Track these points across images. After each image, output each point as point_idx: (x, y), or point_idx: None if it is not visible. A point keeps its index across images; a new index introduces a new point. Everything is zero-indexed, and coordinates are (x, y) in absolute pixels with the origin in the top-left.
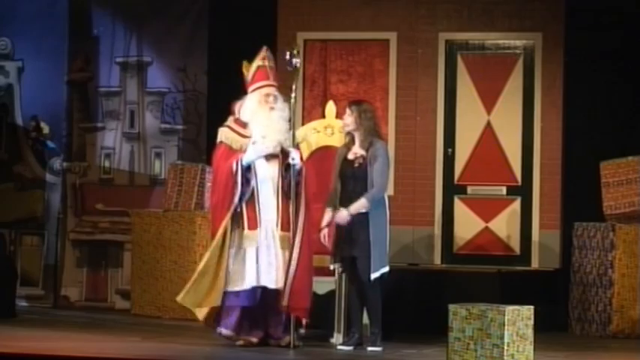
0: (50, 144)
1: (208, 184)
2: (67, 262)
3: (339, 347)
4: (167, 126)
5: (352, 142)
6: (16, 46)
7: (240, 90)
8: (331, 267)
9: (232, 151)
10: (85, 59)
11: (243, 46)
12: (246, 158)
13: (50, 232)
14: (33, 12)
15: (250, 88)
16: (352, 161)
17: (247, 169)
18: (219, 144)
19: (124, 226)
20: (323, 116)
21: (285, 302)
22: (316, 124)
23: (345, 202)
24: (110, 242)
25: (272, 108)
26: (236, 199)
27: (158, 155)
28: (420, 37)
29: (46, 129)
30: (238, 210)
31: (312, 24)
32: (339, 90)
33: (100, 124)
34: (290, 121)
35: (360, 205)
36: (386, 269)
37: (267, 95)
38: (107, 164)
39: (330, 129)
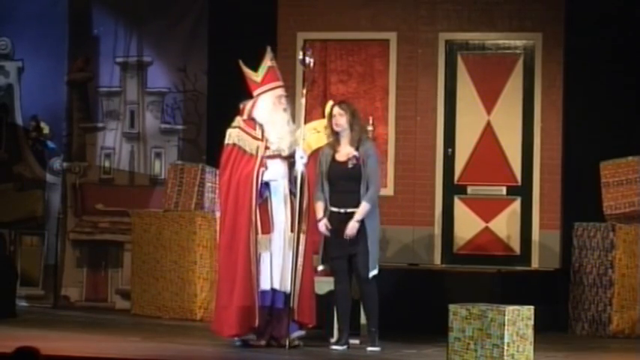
0: (50, 144)
1: (208, 184)
2: (67, 262)
3: (334, 347)
4: (167, 126)
5: (337, 142)
6: (16, 46)
7: (240, 90)
8: (319, 268)
9: (246, 155)
10: (85, 59)
11: (243, 46)
12: (268, 176)
13: (50, 232)
14: (33, 12)
15: (261, 89)
16: (344, 162)
17: (266, 183)
18: (231, 146)
19: (124, 226)
20: (323, 116)
21: (294, 306)
22: (316, 124)
23: (338, 202)
24: (110, 242)
25: (285, 109)
26: (253, 205)
27: (158, 155)
28: (420, 37)
29: (46, 129)
30: (254, 214)
31: (312, 24)
32: (339, 90)
33: (100, 124)
34: (299, 120)
35: (364, 210)
36: (377, 267)
37: (280, 97)
38: (107, 164)
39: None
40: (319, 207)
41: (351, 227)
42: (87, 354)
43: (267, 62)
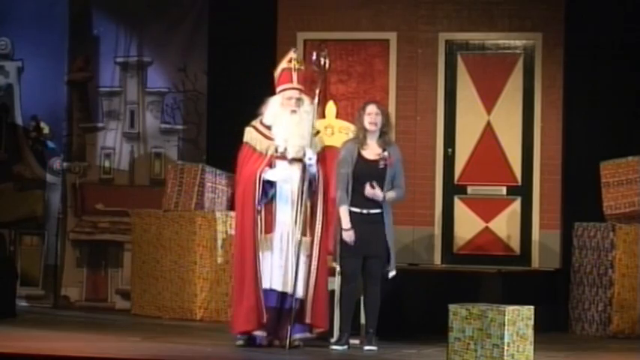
0: (50, 144)
1: (208, 184)
2: (67, 262)
3: (334, 347)
4: (167, 126)
5: (364, 140)
6: (16, 46)
7: (240, 90)
8: (338, 267)
9: (256, 153)
10: (85, 59)
11: (243, 46)
12: (269, 175)
13: (50, 232)
14: (33, 12)
15: (277, 90)
16: (374, 161)
17: (269, 182)
18: (244, 144)
19: (124, 226)
20: (323, 116)
21: (308, 313)
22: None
23: (360, 203)
24: (110, 242)
25: (293, 111)
26: (256, 204)
27: (158, 155)
28: (420, 37)
29: (46, 129)
30: (258, 213)
31: (312, 24)
32: (339, 90)
33: (100, 124)
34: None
35: (392, 196)
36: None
37: (290, 98)
38: (107, 164)
39: (330, 129)
40: (345, 212)
41: (376, 193)
42: (87, 354)
43: (284, 64)
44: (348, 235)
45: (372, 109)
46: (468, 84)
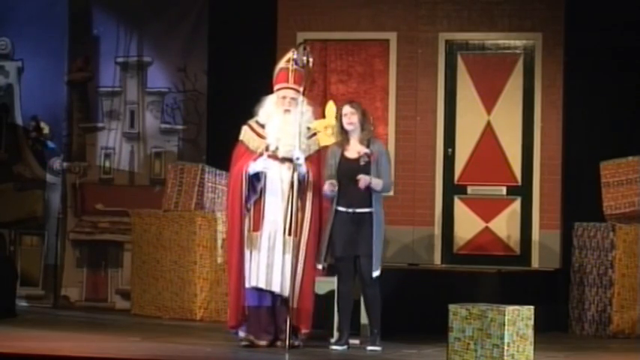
0: (50, 144)
1: (208, 184)
2: (67, 262)
3: (334, 347)
4: (167, 126)
5: (347, 140)
6: (16, 46)
7: (240, 90)
8: (320, 266)
9: (248, 151)
10: (85, 59)
11: (243, 46)
12: (253, 168)
13: (50, 232)
14: (33, 12)
15: (274, 89)
16: (356, 159)
17: (255, 176)
18: (239, 142)
19: (124, 226)
20: (323, 116)
21: (294, 305)
22: (316, 124)
23: (346, 202)
24: (110, 242)
25: (287, 111)
26: (244, 202)
27: (158, 155)
28: (420, 37)
29: (46, 129)
30: (247, 211)
31: (312, 24)
32: (339, 90)
33: (100, 124)
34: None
35: (377, 183)
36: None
37: (284, 98)
38: (107, 164)
39: (330, 129)
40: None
41: (365, 179)
42: (87, 354)
43: (282, 63)
44: (327, 185)
45: (346, 109)
46: (468, 84)
